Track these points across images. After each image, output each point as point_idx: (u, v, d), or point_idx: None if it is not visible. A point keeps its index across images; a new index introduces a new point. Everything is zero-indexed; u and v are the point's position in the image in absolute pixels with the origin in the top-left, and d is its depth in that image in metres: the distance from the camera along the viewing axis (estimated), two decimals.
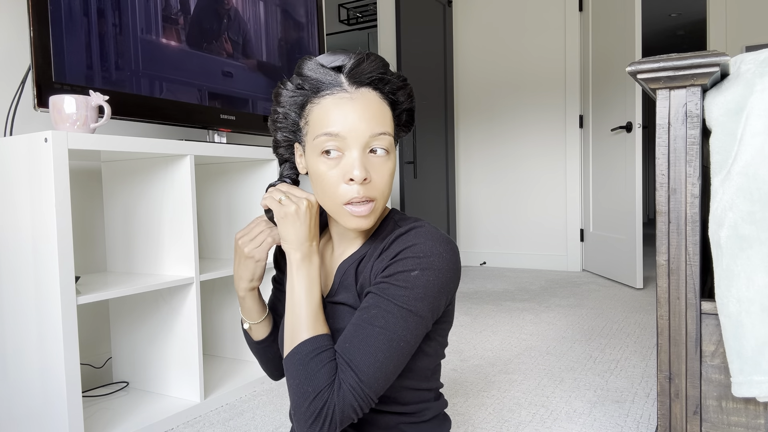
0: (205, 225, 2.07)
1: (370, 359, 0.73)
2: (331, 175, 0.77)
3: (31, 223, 1.30)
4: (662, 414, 0.97)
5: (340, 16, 5.58)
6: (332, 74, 0.78)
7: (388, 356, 0.74)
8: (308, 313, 0.78)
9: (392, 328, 0.74)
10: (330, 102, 0.77)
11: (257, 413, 1.59)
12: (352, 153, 0.76)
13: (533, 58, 4.17)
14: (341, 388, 0.73)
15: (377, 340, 0.74)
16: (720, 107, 0.91)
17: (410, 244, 0.77)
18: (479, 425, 1.48)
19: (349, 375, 0.73)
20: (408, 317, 0.75)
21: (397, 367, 0.76)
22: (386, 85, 0.80)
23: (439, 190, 4.22)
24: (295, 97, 0.80)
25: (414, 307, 0.75)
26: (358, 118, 0.76)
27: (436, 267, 0.76)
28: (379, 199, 0.78)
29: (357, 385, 0.73)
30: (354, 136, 0.76)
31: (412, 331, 0.76)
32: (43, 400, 1.31)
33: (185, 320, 1.61)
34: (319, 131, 0.77)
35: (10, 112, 1.62)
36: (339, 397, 0.73)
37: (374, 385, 0.74)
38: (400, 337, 0.75)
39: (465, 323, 2.58)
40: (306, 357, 0.75)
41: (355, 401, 0.73)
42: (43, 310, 1.29)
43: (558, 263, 4.15)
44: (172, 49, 1.71)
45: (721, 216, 0.88)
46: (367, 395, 0.73)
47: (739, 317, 0.86)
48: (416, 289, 0.75)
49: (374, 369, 0.73)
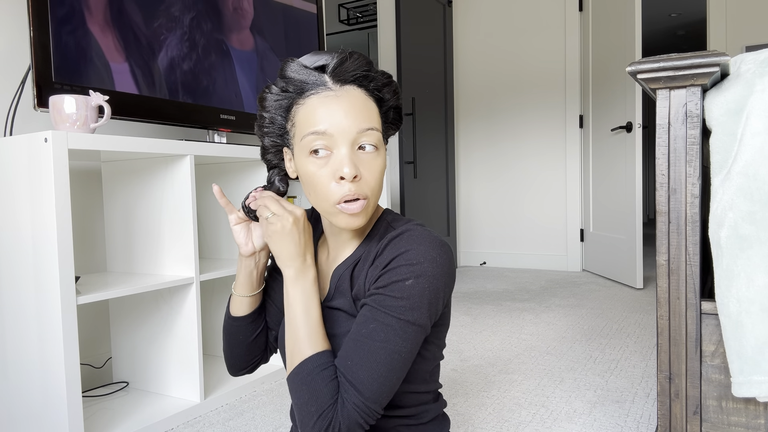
0: (205, 225, 2.07)
1: (372, 375, 0.73)
2: (320, 174, 0.76)
3: (31, 223, 1.30)
4: (662, 414, 0.97)
5: (340, 16, 5.58)
6: (316, 74, 0.77)
7: (390, 369, 0.74)
8: (307, 331, 0.77)
9: (392, 341, 0.74)
10: (315, 101, 0.76)
11: (257, 413, 1.59)
12: (340, 150, 0.75)
13: (533, 58, 4.17)
14: (345, 406, 0.73)
15: (378, 355, 0.74)
16: (720, 107, 0.91)
17: (403, 250, 0.76)
18: (479, 425, 1.48)
19: (353, 394, 0.73)
20: (406, 328, 0.75)
21: (400, 378, 0.76)
22: (371, 82, 0.79)
23: (439, 190, 4.22)
24: (280, 101, 0.80)
25: (412, 317, 0.75)
26: (345, 115, 0.75)
27: (431, 273, 0.75)
28: (371, 197, 0.78)
29: (361, 403, 0.73)
30: (341, 133, 0.75)
31: (412, 340, 0.75)
32: (43, 400, 1.31)
33: (185, 320, 1.61)
34: (306, 131, 0.76)
35: (10, 112, 1.62)
36: (344, 416, 0.73)
37: (378, 399, 0.74)
38: (401, 349, 0.74)
39: (465, 323, 2.58)
40: (308, 376, 0.75)
41: (360, 418, 0.73)
42: (43, 310, 1.29)
43: (558, 263, 4.15)
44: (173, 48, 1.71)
45: (721, 216, 0.88)
46: (372, 410, 0.74)
47: (739, 317, 0.86)
48: (412, 299, 0.75)
49: (377, 384, 0.73)
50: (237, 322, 0.93)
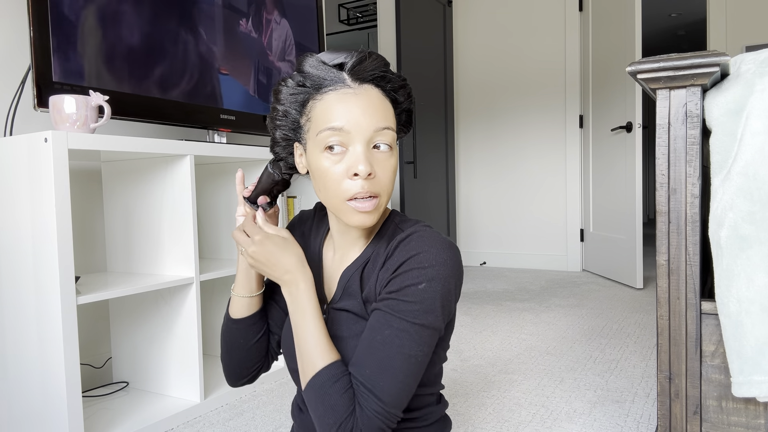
0: (205, 225, 2.07)
1: (391, 382, 0.74)
2: (334, 170, 0.76)
3: (31, 223, 1.30)
4: (662, 414, 0.97)
5: (340, 16, 5.58)
6: (334, 71, 0.77)
7: (407, 374, 0.75)
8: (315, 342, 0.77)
9: (408, 346, 0.74)
10: (333, 97, 0.76)
11: (257, 413, 1.59)
12: (356, 148, 0.75)
13: (533, 58, 4.17)
14: (364, 413, 0.73)
15: (395, 361, 0.74)
16: (720, 107, 0.91)
17: (413, 253, 0.76)
18: (479, 425, 1.48)
19: (372, 401, 0.73)
20: (422, 332, 0.75)
21: (417, 381, 0.76)
22: (388, 83, 0.80)
23: (439, 190, 4.22)
24: (296, 95, 0.80)
25: (426, 320, 0.75)
26: (362, 113, 0.75)
27: (443, 276, 0.76)
28: (383, 195, 0.78)
29: (382, 410, 0.73)
30: (358, 130, 0.75)
31: (427, 344, 0.76)
32: (43, 400, 1.31)
33: (185, 320, 1.61)
34: (322, 126, 0.76)
35: (10, 112, 1.62)
36: (364, 424, 0.73)
37: (398, 404, 0.75)
38: (417, 353, 0.75)
39: (465, 323, 2.58)
40: (320, 389, 0.75)
41: (382, 423, 0.73)
42: (43, 310, 1.29)
43: (558, 263, 4.15)
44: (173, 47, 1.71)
45: (721, 216, 0.88)
46: (393, 415, 0.74)
47: (739, 317, 0.86)
48: (426, 302, 0.75)
49: (397, 390, 0.74)
50: (237, 325, 0.91)
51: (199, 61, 1.79)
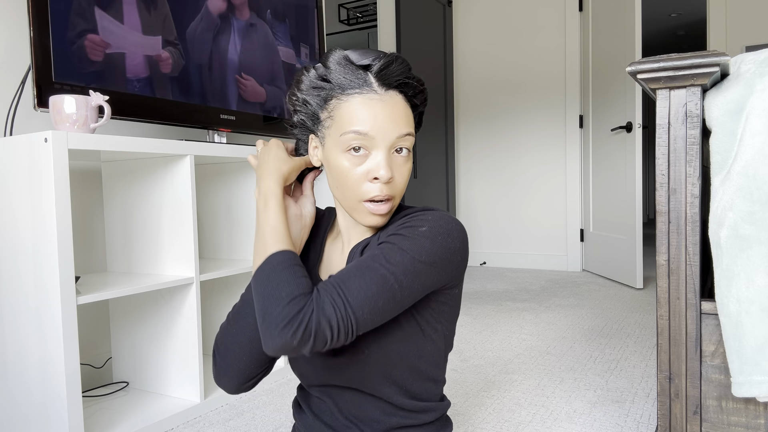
0: (205, 225, 2.07)
1: (360, 287, 0.70)
2: (355, 172, 0.78)
3: (31, 223, 1.30)
4: (662, 414, 0.97)
5: (340, 16, 5.58)
6: (360, 72, 0.78)
7: (380, 290, 0.70)
8: (273, 232, 0.76)
9: (388, 267, 0.72)
10: (359, 101, 0.78)
11: (257, 413, 1.59)
12: (379, 153, 0.78)
13: (533, 58, 4.17)
14: (321, 298, 0.68)
15: (371, 273, 0.71)
16: (720, 107, 0.91)
17: (420, 214, 0.79)
18: (479, 425, 1.48)
19: (334, 292, 0.69)
20: (408, 262, 0.73)
21: (387, 307, 0.71)
22: (410, 89, 0.82)
23: (439, 190, 4.22)
24: (318, 89, 0.80)
25: (417, 254, 0.74)
26: (388, 120, 0.77)
27: (446, 230, 0.77)
28: (397, 197, 0.81)
29: (340, 302, 0.68)
30: (382, 136, 0.77)
31: (410, 276, 0.72)
32: (43, 400, 1.31)
33: (185, 320, 1.61)
34: (347, 128, 0.77)
35: (10, 112, 1.62)
36: (318, 306, 0.67)
37: (358, 311, 0.69)
38: (396, 278, 0.71)
39: (465, 323, 2.58)
40: (279, 266, 0.71)
41: (334, 316, 0.67)
42: (43, 310, 1.29)
43: (558, 263, 4.15)
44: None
45: (721, 216, 0.88)
46: (349, 317, 0.68)
47: (739, 317, 0.86)
48: (423, 239, 0.75)
49: (363, 297, 0.69)
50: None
51: (199, 60, 1.79)
